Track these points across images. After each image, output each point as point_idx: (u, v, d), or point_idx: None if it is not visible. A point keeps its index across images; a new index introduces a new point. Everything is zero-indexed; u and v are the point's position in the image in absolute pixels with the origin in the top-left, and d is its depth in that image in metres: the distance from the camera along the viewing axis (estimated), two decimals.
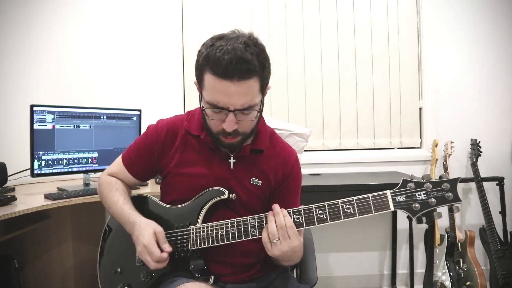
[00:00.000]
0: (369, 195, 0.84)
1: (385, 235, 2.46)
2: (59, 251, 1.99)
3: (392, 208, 0.82)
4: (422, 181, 0.83)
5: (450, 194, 0.80)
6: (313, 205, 0.89)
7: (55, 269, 1.99)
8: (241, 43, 0.86)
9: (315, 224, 0.88)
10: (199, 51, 0.93)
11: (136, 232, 0.97)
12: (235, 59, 0.83)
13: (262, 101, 0.96)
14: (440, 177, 0.83)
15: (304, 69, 2.45)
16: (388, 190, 0.84)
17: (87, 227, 2.07)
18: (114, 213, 1.08)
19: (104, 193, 1.12)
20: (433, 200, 0.81)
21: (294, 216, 0.90)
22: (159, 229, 0.97)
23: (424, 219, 0.82)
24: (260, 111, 0.96)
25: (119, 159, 1.15)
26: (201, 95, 0.94)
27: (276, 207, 0.92)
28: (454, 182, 0.81)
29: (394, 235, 2.42)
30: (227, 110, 0.89)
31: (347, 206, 0.85)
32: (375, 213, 0.83)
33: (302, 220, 0.89)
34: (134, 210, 1.05)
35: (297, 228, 0.89)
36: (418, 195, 0.82)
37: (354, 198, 0.85)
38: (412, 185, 0.83)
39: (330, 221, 0.87)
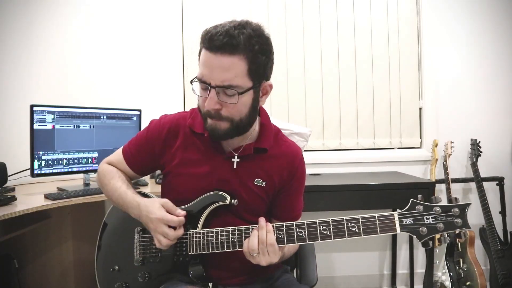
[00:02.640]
0: (376, 215, 0.82)
1: (385, 235, 2.45)
2: (59, 251, 1.99)
3: (398, 231, 0.80)
4: (431, 204, 0.80)
5: (459, 220, 0.78)
6: (317, 220, 0.87)
7: (55, 269, 1.99)
8: (236, 23, 0.88)
9: (318, 240, 0.86)
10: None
11: (144, 211, 0.95)
12: (221, 33, 0.86)
13: (255, 90, 0.93)
14: (450, 201, 0.81)
15: (304, 69, 2.44)
16: (396, 212, 0.82)
17: (87, 227, 2.07)
18: (116, 199, 1.05)
19: (104, 181, 1.10)
20: (441, 225, 0.78)
21: (297, 229, 0.88)
22: (163, 200, 0.96)
23: (430, 243, 0.80)
24: (254, 100, 0.94)
25: (119, 151, 1.13)
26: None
27: (261, 220, 0.90)
28: (464, 207, 0.78)
29: (394, 235, 2.42)
30: (209, 85, 0.88)
31: (352, 224, 0.84)
32: (380, 234, 0.82)
33: (305, 235, 0.87)
34: (137, 194, 1.04)
35: (298, 242, 0.88)
36: (426, 218, 0.80)
37: (360, 216, 0.83)
38: (421, 207, 0.80)
39: (333, 238, 0.85)
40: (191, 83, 0.93)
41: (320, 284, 1.19)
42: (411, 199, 0.82)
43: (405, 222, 0.81)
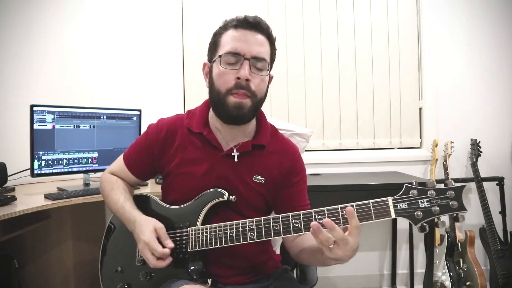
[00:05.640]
0: (370, 201, 0.81)
1: (385, 235, 2.46)
2: (59, 251, 1.99)
3: (393, 216, 0.79)
4: (426, 188, 0.79)
5: (455, 202, 0.76)
6: (313, 210, 0.86)
7: (55, 269, 1.99)
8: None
9: None
10: (211, 36, 1.04)
11: (137, 229, 0.97)
12: (254, 17, 0.99)
13: (269, 75, 1.03)
14: (445, 184, 0.79)
15: (304, 69, 2.44)
16: (390, 197, 0.80)
17: (87, 227, 2.07)
18: (115, 211, 1.08)
19: (105, 192, 1.12)
20: (437, 208, 0.76)
21: (293, 221, 0.87)
22: (159, 225, 0.96)
23: (427, 227, 0.78)
24: (267, 85, 1.03)
25: (120, 158, 1.15)
26: (213, 62, 1.00)
27: (328, 223, 0.77)
28: (459, 190, 0.77)
29: (394, 235, 2.42)
30: (244, 57, 0.95)
31: None
32: (376, 220, 0.80)
33: (301, 226, 0.86)
34: (134, 208, 1.04)
35: (294, 233, 0.87)
36: (421, 202, 0.78)
37: (354, 204, 0.82)
38: (415, 192, 0.78)
39: None
40: (219, 57, 0.97)
41: (320, 284, 1.19)
42: (405, 184, 0.80)
43: (400, 206, 0.79)
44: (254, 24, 0.97)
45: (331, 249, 0.79)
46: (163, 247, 0.93)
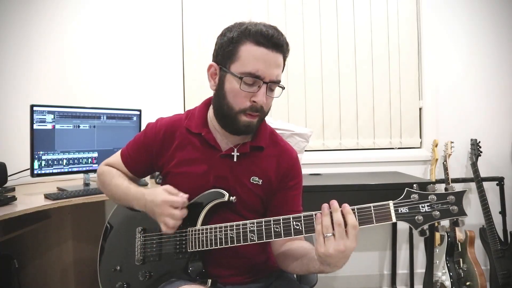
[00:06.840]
0: (371, 205, 0.81)
1: (385, 235, 2.46)
2: (59, 251, 1.99)
3: (394, 220, 0.79)
4: (427, 192, 0.80)
5: (455, 207, 0.77)
6: (314, 212, 0.86)
7: (55, 269, 1.99)
8: (271, 25, 0.95)
9: (315, 232, 0.85)
10: (223, 34, 0.97)
11: (148, 198, 0.97)
12: (277, 33, 0.92)
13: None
14: (446, 189, 0.79)
15: (304, 69, 2.45)
16: (391, 201, 0.81)
17: (87, 227, 2.07)
18: (120, 196, 1.07)
19: (106, 181, 1.11)
20: (437, 213, 0.78)
21: (294, 223, 0.87)
22: (166, 185, 0.98)
23: (427, 231, 0.79)
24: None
25: (118, 154, 1.15)
26: (226, 72, 0.94)
27: (334, 203, 0.83)
28: (459, 195, 0.78)
29: (394, 235, 2.42)
30: (262, 80, 0.92)
31: None
32: (376, 224, 0.81)
33: (302, 228, 0.86)
34: (141, 187, 1.06)
35: (295, 235, 0.87)
36: (422, 207, 0.79)
37: (355, 207, 0.83)
38: (416, 196, 0.80)
39: None
40: (240, 78, 0.92)
41: (320, 284, 1.19)
42: (406, 188, 0.81)
43: (401, 211, 0.80)
44: (277, 45, 0.92)
45: (326, 241, 0.79)
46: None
